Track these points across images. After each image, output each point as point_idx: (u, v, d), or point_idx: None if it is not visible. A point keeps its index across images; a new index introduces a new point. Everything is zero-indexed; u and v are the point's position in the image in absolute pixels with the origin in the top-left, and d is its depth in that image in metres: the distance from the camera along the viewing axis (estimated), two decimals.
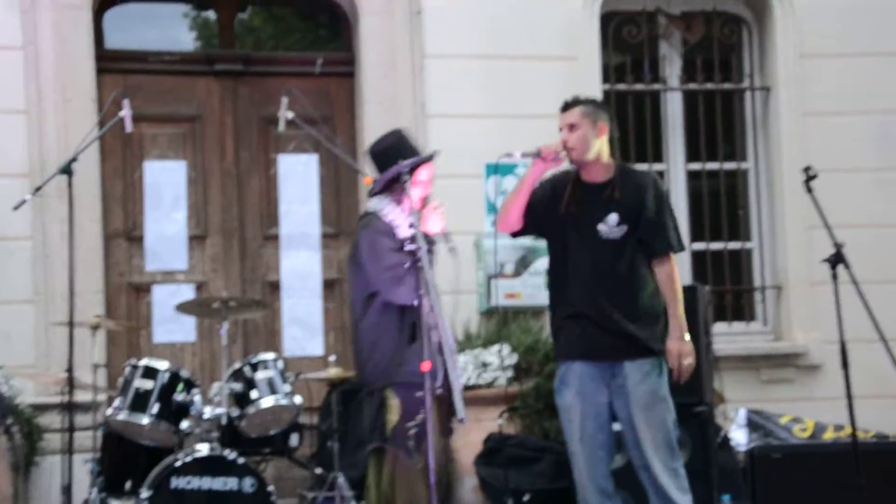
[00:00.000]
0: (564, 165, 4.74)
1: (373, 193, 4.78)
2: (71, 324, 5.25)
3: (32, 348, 6.45)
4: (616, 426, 4.67)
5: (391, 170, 4.58)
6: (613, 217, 4.63)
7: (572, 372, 4.62)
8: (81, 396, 5.58)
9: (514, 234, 4.85)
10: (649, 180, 4.78)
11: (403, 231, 4.48)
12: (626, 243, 4.63)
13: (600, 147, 4.69)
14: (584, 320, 4.60)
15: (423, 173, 4.70)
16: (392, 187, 4.66)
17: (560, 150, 4.61)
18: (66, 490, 5.19)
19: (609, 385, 4.59)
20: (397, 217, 4.62)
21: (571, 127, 4.65)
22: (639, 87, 7.47)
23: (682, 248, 4.82)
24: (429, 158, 4.77)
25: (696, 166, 7.54)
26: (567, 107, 4.74)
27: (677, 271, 4.76)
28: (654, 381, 4.59)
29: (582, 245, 4.63)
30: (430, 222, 4.63)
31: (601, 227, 4.62)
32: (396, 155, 4.62)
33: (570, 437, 4.64)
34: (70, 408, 5.21)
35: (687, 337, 4.67)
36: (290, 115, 6.04)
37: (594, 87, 7.14)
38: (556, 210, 4.67)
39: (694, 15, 7.56)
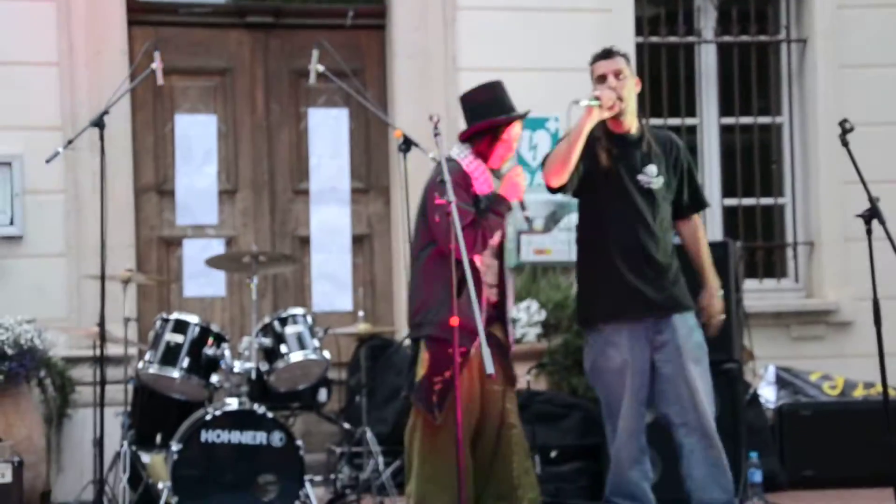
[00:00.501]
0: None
1: (461, 140, 4.56)
2: (102, 277, 5.27)
3: (65, 302, 6.50)
4: None
5: (484, 121, 4.42)
6: (652, 168, 4.56)
7: (619, 333, 4.52)
8: (113, 350, 5.60)
9: (555, 190, 4.55)
10: (673, 137, 4.75)
11: (479, 186, 4.37)
12: (663, 196, 4.57)
13: (635, 99, 4.61)
14: (630, 275, 4.49)
15: (511, 132, 4.48)
16: (477, 139, 4.45)
17: (615, 98, 4.44)
18: (98, 443, 5.21)
19: (652, 341, 4.52)
20: (478, 169, 4.43)
21: (618, 74, 4.52)
22: (672, 39, 7.38)
23: (705, 206, 4.84)
24: (522, 116, 4.54)
25: (729, 120, 7.46)
26: (609, 55, 4.60)
27: (703, 230, 4.76)
28: (698, 333, 4.56)
29: (624, 198, 4.52)
30: (508, 188, 4.42)
31: (641, 178, 4.54)
32: (492, 108, 4.46)
33: (616, 397, 4.54)
34: (101, 361, 5.25)
35: (720, 293, 4.64)
36: (321, 67, 6.00)
37: (627, 40, 7.05)
38: (592, 165, 4.53)
39: None
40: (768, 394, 6.60)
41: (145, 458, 5.46)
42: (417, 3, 7.03)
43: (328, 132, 7.11)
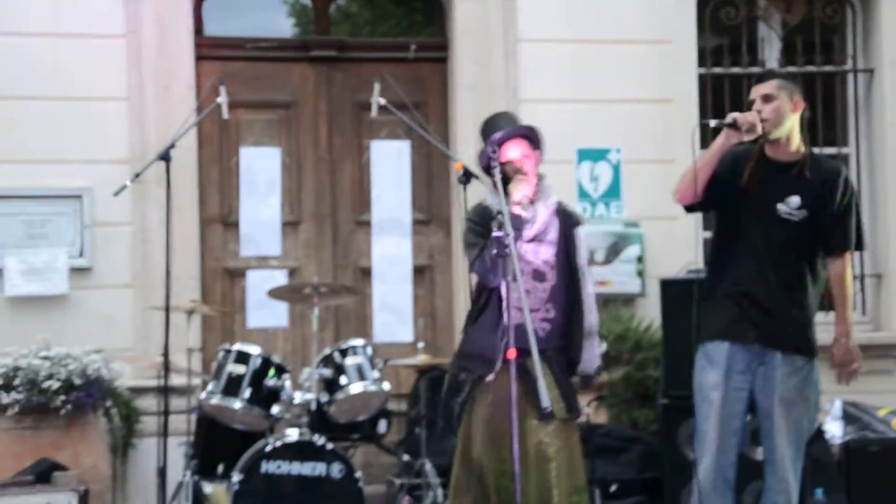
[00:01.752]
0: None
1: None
2: (167, 308, 5.35)
3: (131, 332, 6.59)
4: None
5: (482, 153, 4.43)
6: (795, 199, 4.46)
7: (721, 351, 4.47)
8: (177, 380, 5.70)
9: (690, 208, 4.62)
10: (840, 171, 4.59)
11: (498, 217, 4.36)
12: (804, 229, 4.46)
13: (793, 124, 4.51)
14: (746, 300, 4.46)
15: (509, 152, 4.41)
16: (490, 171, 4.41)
17: (756, 121, 4.41)
18: (161, 472, 5.29)
19: (755, 372, 4.47)
20: (495, 202, 4.36)
21: (766, 98, 4.47)
22: (736, 70, 7.34)
23: (860, 248, 4.65)
24: (511, 134, 4.45)
25: None
26: (762, 78, 4.59)
27: (850, 273, 4.59)
28: (801, 378, 4.48)
29: (758, 223, 4.46)
30: (515, 192, 4.34)
31: (780, 207, 4.45)
32: (484, 137, 4.50)
33: (704, 417, 4.50)
34: (166, 391, 5.33)
35: (854, 343, 4.54)
36: (383, 101, 6.05)
37: (689, 70, 7.12)
38: (736, 184, 4.50)
39: None
40: (834, 429, 6.46)
41: (207, 488, 5.48)
42: (479, 36, 7.07)
43: (390, 164, 7.15)
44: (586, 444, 5.79)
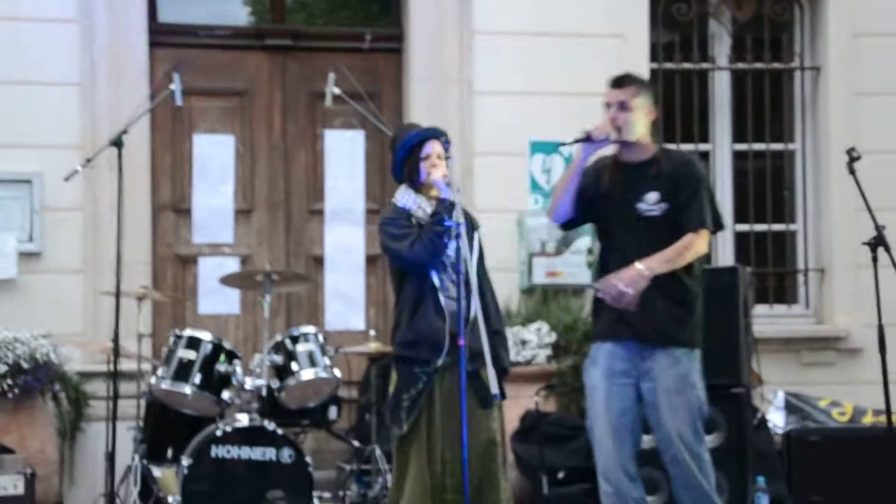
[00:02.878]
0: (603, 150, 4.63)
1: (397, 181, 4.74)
2: (118, 294, 5.34)
3: (81, 317, 6.56)
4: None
5: (397, 157, 4.61)
6: (653, 195, 4.51)
7: (602, 352, 4.57)
8: (127, 365, 5.68)
9: (566, 226, 4.70)
10: (689, 159, 4.69)
11: (417, 212, 4.51)
12: (668, 222, 4.51)
13: (646, 127, 4.59)
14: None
15: (424, 150, 4.55)
16: (405, 173, 4.62)
17: (609, 128, 4.47)
18: (110, 457, 5.28)
19: (637, 367, 4.52)
20: (408, 201, 4.58)
21: (622, 105, 4.53)
22: (687, 65, 7.43)
23: (718, 228, 4.68)
24: (426, 136, 4.60)
25: (742, 147, 7.49)
26: (618, 83, 4.61)
27: (697, 249, 4.49)
28: (683, 366, 4.51)
29: (624, 225, 4.53)
30: (434, 185, 4.52)
31: (640, 206, 4.51)
32: (398, 141, 4.65)
33: (593, 417, 4.58)
34: (115, 376, 5.32)
35: (645, 273, 4.36)
36: (337, 90, 6.08)
37: (642, 65, 7.10)
38: (600, 194, 4.57)
39: None
40: (777, 419, 6.59)
41: (156, 472, 5.53)
42: (434, 27, 7.09)
43: (344, 154, 7.17)
44: (535, 431, 5.91)
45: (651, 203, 4.51)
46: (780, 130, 7.59)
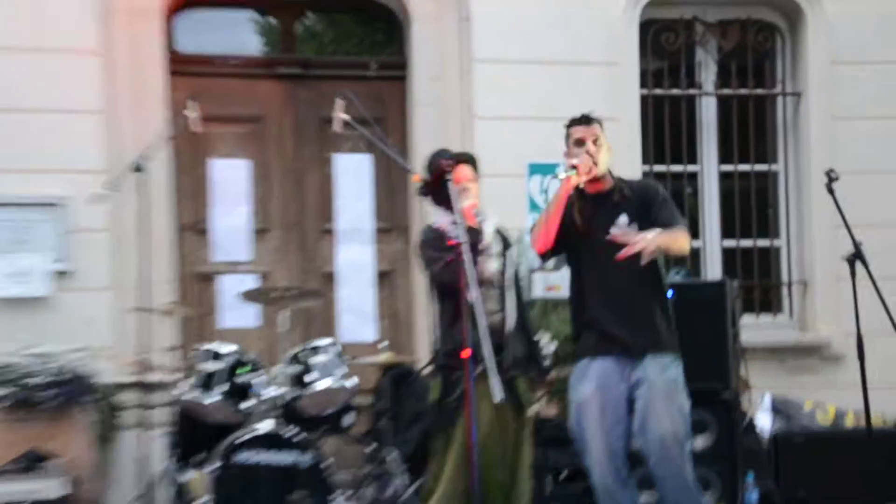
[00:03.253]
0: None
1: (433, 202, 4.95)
2: (145, 310, 5.47)
3: (110, 332, 6.58)
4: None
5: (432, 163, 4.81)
6: (623, 218, 4.65)
7: (592, 368, 4.66)
8: (155, 377, 5.83)
9: (544, 255, 4.77)
10: (647, 181, 4.88)
11: (451, 234, 4.67)
12: None
13: (609, 159, 4.76)
14: (604, 322, 4.63)
15: (455, 174, 4.74)
16: (438, 197, 4.83)
17: (590, 163, 4.60)
18: (142, 462, 5.42)
19: (628, 378, 4.64)
20: (443, 223, 4.80)
21: (596, 140, 4.69)
22: (675, 91, 7.55)
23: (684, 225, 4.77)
24: (461, 158, 4.86)
25: (728, 168, 7.60)
26: (587, 121, 4.76)
27: (685, 243, 4.62)
28: (671, 372, 4.65)
29: (599, 250, 4.59)
30: (465, 201, 4.71)
31: (613, 230, 4.61)
32: (431, 166, 4.89)
33: (585, 430, 4.66)
34: (144, 387, 5.46)
35: (654, 239, 4.45)
36: (345, 116, 6.25)
37: (633, 91, 7.26)
38: (572, 227, 4.67)
39: (729, 23, 7.60)
40: (764, 421, 6.66)
41: (186, 476, 5.60)
42: (436, 56, 7.21)
43: (353, 176, 7.28)
44: (539, 435, 6.09)
45: (623, 226, 4.64)
46: (764, 152, 7.67)
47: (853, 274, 4.84)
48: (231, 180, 7.17)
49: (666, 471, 4.62)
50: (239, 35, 7.62)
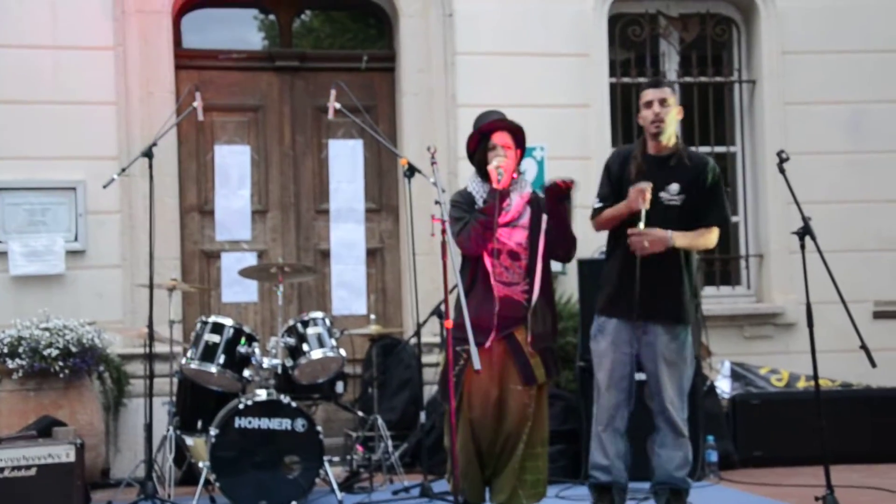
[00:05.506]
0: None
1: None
2: (151, 286, 5.30)
3: (120, 306, 6.55)
4: (640, 376, 4.55)
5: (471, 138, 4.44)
6: (675, 186, 4.43)
7: (610, 325, 4.53)
8: (160, 348, 5.61)
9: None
10: (707, 160, 4.58)
11: (478, 199, 4.37)
12: (683, 211, 4.42)
13: (677, 123, 4.53)
14: (629, 282, 4.41)
15: (495, 137, 4.40)
16: (477, 163, 4.45)
17: (644, 197, 4.34)
18: (148, 428, 5.24)
19: (639, 340, 4.49)
20: (474, 187, 4.43)
21: (663, 102, 4.45)
22: (641, 80, 7.34)
23: (727, 226, 4.68)
24: (498, 125, 4.44)
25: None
26: (657, 83, 4.55)
27: (712, 242, 4.52)
28: (680, 342, 4.50)
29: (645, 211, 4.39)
30: (492, 162, 4.34)
31: (662, 195, 4.42)
32: (474, 125, 4.51)
33: (599, 378, 4.57)
34: (150, 358, 5.27)
35: (669, 240, 4.35)
36: (338, 105, 6.02)
37: (602, 80, 7.15)
38: (625, 181, 4.47)
39: (690, 16, 7.51)
40: (724, 385, 6.61)
41: (188, 441, 5.48)
42: (422, 49, 7.06)
43: (345, 160, 7.12)
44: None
45: (672, 193, 4.45)
46: (723, 135, 7.60)
47: (803, 247, 4.70)
48: (233, 165, 7.02)
49: (669, 431, 4.53)
50: (241, 31, 7.47)
